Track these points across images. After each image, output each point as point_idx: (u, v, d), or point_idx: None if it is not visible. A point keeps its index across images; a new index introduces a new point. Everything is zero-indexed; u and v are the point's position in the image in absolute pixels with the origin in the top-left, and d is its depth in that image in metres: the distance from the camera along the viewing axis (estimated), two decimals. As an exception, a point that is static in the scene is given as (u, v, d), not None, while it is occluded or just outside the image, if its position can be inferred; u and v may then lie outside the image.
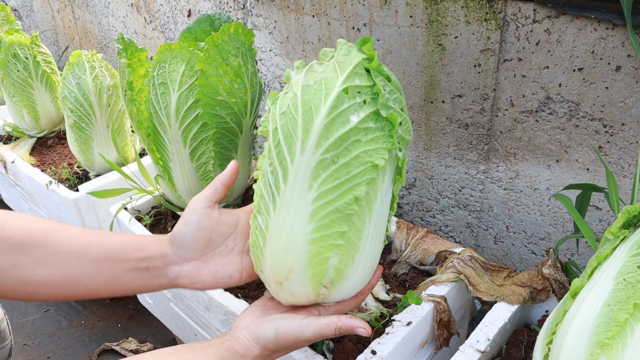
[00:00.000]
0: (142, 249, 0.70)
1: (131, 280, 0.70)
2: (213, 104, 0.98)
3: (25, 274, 0.67)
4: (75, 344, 1.53)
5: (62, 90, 1.44)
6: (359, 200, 0.63)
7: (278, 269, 0.67)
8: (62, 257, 0.68)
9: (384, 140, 0.63)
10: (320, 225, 0.64)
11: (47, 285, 0.68)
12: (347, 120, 0.61)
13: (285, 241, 0.66)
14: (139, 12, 2.04)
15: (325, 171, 0.62)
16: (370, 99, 0.63)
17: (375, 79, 0.63)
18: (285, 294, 0.69)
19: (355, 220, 0.65)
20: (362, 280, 0.72)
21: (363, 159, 0.62)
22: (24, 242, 0.68)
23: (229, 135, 1.04)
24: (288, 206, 0.65)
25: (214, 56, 0.95)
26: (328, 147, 0.62)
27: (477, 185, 1.24)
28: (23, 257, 0.67)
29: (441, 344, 0.90)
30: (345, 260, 0.66)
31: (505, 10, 1.02)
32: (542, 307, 0.94)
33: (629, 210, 0.67)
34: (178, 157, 1.05)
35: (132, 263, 0.70)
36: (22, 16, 2.98)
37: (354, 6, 1.25)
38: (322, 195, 0.63)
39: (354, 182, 0.63)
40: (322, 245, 0.65)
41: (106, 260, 0.69)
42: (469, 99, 1.15)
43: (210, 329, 1.02)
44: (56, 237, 0.69)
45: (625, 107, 0.96)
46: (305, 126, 0.62)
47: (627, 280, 0.60)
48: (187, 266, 0.71)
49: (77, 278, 0.69)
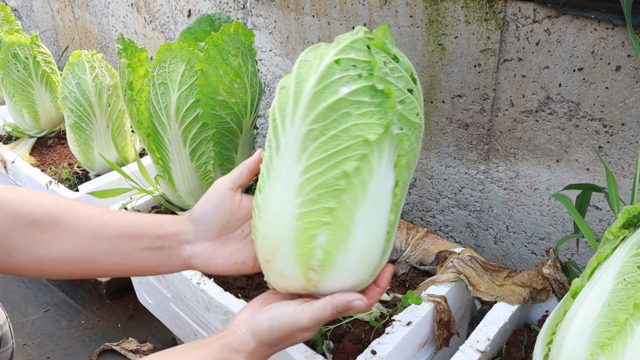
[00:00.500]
0: (158, 227, 0.70)
1: (145, 259, 0.70)
2: (213, 104, 0.98)
3: (42, 251, 0.68)
4: (75, 344, 1.53)
5: (62, 90, 1.44)
6: (348, 175, 0.60)
7: (266, 245, 0.65)
8: (78, 235, 0.69)
9: (379, 116, 0.59)
10: (307, 200, 0.61)
11: (64, 262, 0.69)
12: (337, 91, 0.59)
13: (273, 215, 0.64)
14: (139, 12, 2.04)
15: (314, 143, 0.60)
16: (368, 74, 0.59)
17: (375, 54, 0.60)
18: (274, 274, 0.67)
19: (345, 198, 0.61)
20: (360, 272, 0.66)
21: (353, 132, 0.59)
22: (41, 220, 0.68)
23: (229, 135, 1.04)
24: (278, 179, 0.63)
25: (214, 56, 0.95)
26: (316, 117, 0.59)
27: (477, 185, 1.24)
28: (40, 234, 0.68)
29: (441, 344, 0.90)
30: (335, 242, 0.62)
31: (505, 10, 1.02)
32: (542, 307, 0.94)
33: (629, 210, 0.67)
34: (178, 157, 1.05)
35: (147, 241, 0.70)
36: (22, 16, 2.98)
37: (354, 6, 1.25)
38: (310, 167, 0.61)
39: (343, 156, 0.60)
40: (308, 222, 0.62)
41: (122, 238, 0.69)
42: (469, 99, 1.15)
43: (210, 329, 1.02)
44: (73, 215, 0.70)
45: (625, 107, 0.96)
46: (295, 97, 0.61)
47: (627, 280, 0.60)
48: (202, 246, 0.71)
49: (93, 256, 0.69)
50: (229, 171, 1.07)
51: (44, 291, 1.74)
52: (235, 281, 1.02)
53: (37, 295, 1.73)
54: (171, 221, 0.71)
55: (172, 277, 1.05)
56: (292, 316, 0.64)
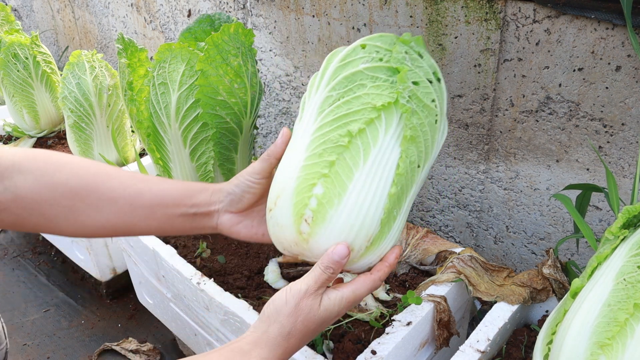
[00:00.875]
0: (191, 197, 0.76)
1: (180, 223, 0.76)
2: (213, 104, 0.98)
3: (82, 218, 0.72)
4: (75, 344, 1.53)
5: (62, 90, 1.44)
6: (352, 135, 0.65)
7: (272, 195, 0.70)
8: (116, 204, 0.73)
9: (390, 90, 0.65)
10: (312, 154, 0.67)
11: (105, 227, 0.74)
12: (357, 65, 0.66)
13: (283, 168, 0.70)
14: (139, 12, 2.04)
15: (329, 107, 0.67)
16: (388, 58, 0.66)
17: (398, 46, 0.66)
18: (272, 223, 0.70)
19: (346, 155, 0.65)
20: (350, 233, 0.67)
21: (364, 100, 0.65)
22: (77, 189, 0.71)
23: (229, 135, 1.04)
24: (295, 140, 0.70)
25: (214, 56, 0.95)
26: (335, 85, 0.67)
27: (477, 185, 1.24)
28: (78, 202, 0.71)
29: (441, 344, 0.90)
30: (329, 195, 0.65)
31: (505, 10, 1.02)
32: (542, 307, 0.94)
33: (629, 210, 0.67)
34: (178, 157, 1.05)
35: (183, 209, 0.75)
36: (22, 16, 2.98)
37: (354, 6, 1.25)
38: (321, 127, 0.67)
39: (351, 118, 0.65)
40: (310, 172, 0.66)
41: (159, 206, 0.75)
42: (469, 99, 1.15)
43: (210, 328, 1.02)
44: (108, 184, 0.73)
45: (625, 107, 0.96)
46: (322, 72, 0.69)
47: (627, 280, 0.60)
48: (228, 216, 0.77)
49: (132, 222, 0.74)
50: (230, 171, 1.07)
51: (44, 291, 1.74)
52: (235, 281, 1.02)
53: (37, 295, 1.73)
54: (203, 191, 0.77)
55: (172, 277, 1.05)
56: (290, 290, 0.66)
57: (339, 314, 0.68)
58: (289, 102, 1.59)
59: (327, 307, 0.66)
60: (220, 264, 1.07)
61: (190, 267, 1.01)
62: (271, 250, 1.10)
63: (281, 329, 0.64)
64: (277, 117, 1.67)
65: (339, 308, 0.67)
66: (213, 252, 1.10)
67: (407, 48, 0.68)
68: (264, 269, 1.05)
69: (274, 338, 0.64)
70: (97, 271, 1.57)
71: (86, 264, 1.59)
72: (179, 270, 1.00)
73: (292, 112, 1.61)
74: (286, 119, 1.64)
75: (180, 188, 0.77)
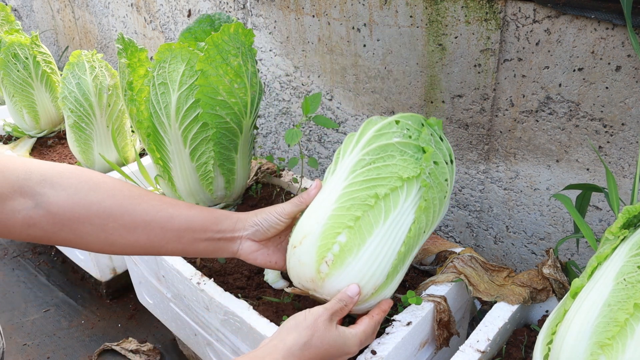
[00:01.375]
0: (217, 223, 0.82)
1: (205, 247, 0.83)
2: (213, 104, 0.98)
3: (113, 237, 0.75)
4: (75, 344, 1.53)
5: (62, 90, 1.44)
6: (378, 197, 0.76)
7: (298, 234, 0.80)
8: (148, 226, 0.77)
9: (415, 166, 0.78)
10: (341, 206, 0.77)
11: (133, 247, 0.78)
12: (390, 138, 0.79)
13: (312, 213, 0.80)
14: (139, 12, 2.04)
15: (361, 168, 0.79)
16: (416, 137, 0.80)
17: (426, 129, 0.81)
18: (294, 259, 0.79)
19: (370, 214, 0.76)
20: (362, 280, 0.77)
21: (392, 169, 0.78)
22: (111, 209, 0.74)
23: (229, 135, 1.04)
24: (325, 191, 0.81)
25: (214, 56, 0.95)
26: (369, 150, 0.79)
27: (477, 185, 1.24)
28: (111, 222, 0.74)
29: (441, 344, 0.90)
30: (350, 245, 0.76)
31: (505, 10, 1.02)
32: (542, 307, 0.94)
33: (629, 210, 0.67)
34: (178, 157, 1.05)
35: (209, 234, 0.82)
36: (22, 16, 2.98)
37: (354, 6, 1.25)
38: (352, 184, 0.78)
39: (379, 183, 0.77)
40: (337, 222, 0.77)
41: (188, 231, 0.80)
42: (469, 99, 1.15)
43: (210, 328, 1.02)
44: (142, 207, 0.77)
45: (625, 107, 0.96)
46: (358, 138, 0.83)
47: (627, 280, 0.60)
48: (249, 243, 0.85)
49: (160, 243, 0.79)
50: (229, 171, 1.07)
51: (44, 291, 1.74)
52: (235, 281, 1.02)
53: (37, 295, 1.73)
54: (228, 218, 0.84)
55: (172, 277, 1.05)
56: (309, 310, 0.73)
57: (350, 348, 0.74)
58: (289, 102, 1.59)
59: (342, 333, 0.73)
60: (220, 264, 1.07)
61: (190, 267, 1.01)
62: (271, 250, 1.10)
63: (298, 339, 0.69)
64: (277, 117, 1.67)
65: (352, 341, 0.74)
66: (213, 252, 1.10)
67: (432, 130, 0.81)
68: (263, 269, 1.05)
69: (290, 347, 0.68)
70: (97, 271, 1.57)
71: (86, 264, 1.59)
72: (179, 270, 1.00)
73: (291, 112, 1.61)
74: (286, 119, 1.64)
75: (207, 214, 0.82)
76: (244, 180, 1.15)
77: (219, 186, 1.10)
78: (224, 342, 0.99)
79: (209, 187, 1.08)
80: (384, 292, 0.81)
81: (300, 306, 0.95)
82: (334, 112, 1.47)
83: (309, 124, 1.57)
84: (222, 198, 1.13)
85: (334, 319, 0.73)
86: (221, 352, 1.03)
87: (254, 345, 0.89)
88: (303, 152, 1.63)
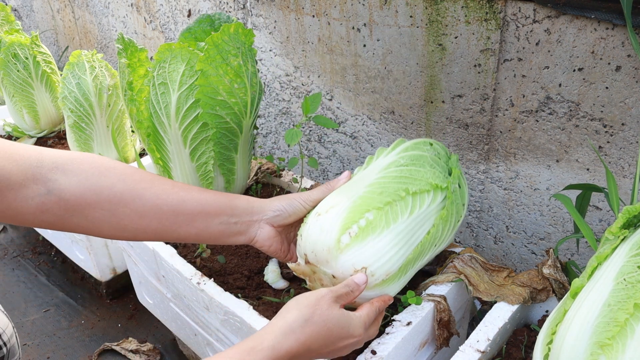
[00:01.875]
0: (233, 207, 0.81)
1: (220, 231, 0.81)
2: (213, 104, 0.98)
3: (125, 222, 0.75)
4: (75, 344, 1.53)
5: (62, 90, 1.44)
6: (408, 192, 0.82)
7: (326, 204, 0.82)
8: (159, 210, 0.76)
9: (443, 178, 0.88)
10: (373, 190, 0.82)
11: (145, 231, 0.77)
12: (424, 152, 0.90)
13: (342, 190, 0.84)
14: (139, 12, 2.04)
15: (396, 167, 0.86)
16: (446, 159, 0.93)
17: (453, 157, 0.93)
18: (315, 227, 0.80)
19: (398, 205, 0.81)
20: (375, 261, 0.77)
21: (424, 175, 0.86)
22: (123, 194, 0.74)
23: (229, 135, 1.04)
24: (358, 178, 0.87)
25: (214, 56, 0.95)
26: (404, 155, 0.89)
27: (477, 185, 1.24)
28: (122, 207, 0.74)
29: (441, 344, 0.90)
30: (376, 223, 0.78)
31: (505, 10, 1.02)
32: (542, 307, 0.94)
33: (630, 211, 0.67)
34: (178, 157, 1.05)
35: (223, 218, 0.80)
36: (22, 16, 2.98)
37: (354, 6, 1.25)
38: (385, 177, 0.84)
39: (410, 182, 0.84)
40: (367, 201, 0.80)
41: (201, 215, 0.79)
42: (469, 99, 1.15)
43: (210, 328, 1.02)
44: (153, 191, 0.76)
45: (625, 107, 0.96)
46: (394, 147, 0.92)
47: (627, 280, 0.60)
48: (267, 229, 0.84)
49: (172, 228, 0.78)
50: (229, 171, 1.07)
51: (44, 291, 1.74)
52: (235, 281, 1.02)
53: (37, 295, 1.73)
54: (245, 203, 0.83)
55: (172, 277, 1.05)
56: (313, 291, 0.71)
57: (355, 329, 0.71)
58: (289, 102, 1.59)
59: (346, 314, 0.71)
60: (220, 264, 1.07)
61: (190, 267, 1.01)
62: (271, 250, 1.10)
63: (299, 315, 0.67)
64: (277, 117, 1.67)
65: (356, 323, 0.71)
66: (213, 252, 1.10)
67: (458, 176, 0.90)
68: (263, 269, 1.05)
69: (290, 323, 0.66)
70: (97, 271, 1.57)
71: (86, 264, 1.59)
72: (179, 270, 1.00)
73: (291, 112, 1.61)
74: (286, 119, 1.64)
75: (222, 197, 0.81)
76: (244, 180, 1.15)
77: (219, 186, 1.10)
78: (224, 342, 0.99)
79: (209, 187, 1.08)
80: (390, 286, 0.81)
81: (300, 306, 0.95)
82: (334, 112, 1.47)
83: (309, 124, 1.57)
84: None
85: (337, 302, 0.71)
86: (221, 352, 1.03)
87: (254, 345, 0.89)
88: (303, 152, 1.63)
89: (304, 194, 0.86)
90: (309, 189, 1.20)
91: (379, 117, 1.36)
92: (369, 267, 0.77)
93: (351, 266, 0.76)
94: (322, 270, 0.80)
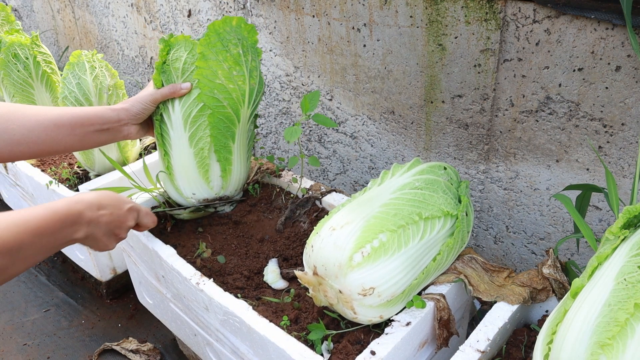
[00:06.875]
0: (102, 117, 1.00)
1: (97, 137, 1.01)
2: (211, 86, 1.03)
3: (17, 137, 0.91)
4: (75, 344, 1.53)
5: (62, 90, 1.44)
6: (421, 217, 0.85)
7: (340, 220, 0.85)
8: (43, 123, 0.94)
9: (454, 205, 0.91)
10: (387, 211, 0.84)
11: (35, 143, 0.93)
12: (439, 176, 0.94)
13: (356, 207, 0.87)
14: (139, 12, 2.04)
15: (410, 189, 0.89)
16: (457, 185, 0.97)
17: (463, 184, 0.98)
18: (329, 241, 0.83)
19: (411, 228, 0.84)
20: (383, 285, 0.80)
21: (437, 201, 0.89)
22: (7, 114, 0.91)
23: (226, 121, 1.07)
24: (371, 193, 0.91)
25: (215, 42, 1.02)
26: (419, 178, 0.92)
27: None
28: (10, 124, 0.91)
29: (441, 343, 0.90)
30: (389, 245, 0.81)
31: (505, 11, 1.02)
32: (542, 307, 0.94)
33: (630, 211, 0.67)
34: (178, 142, 1.08)
35: (97, 126, 1.00)
36: (22, 16, 2.98)
37: (354, 6, 1.25)
38: (400, 198, 0.87)
39: (424, 207, 0.86)
40: (381, 222, 0.82)
41: (77, 125, 0.97)
42: (469, 99, 1.15)
43: (210, 329, 1.02)
44: (33, 110, 0.94)
45: (625, 107, 0.96)
46: (410, 167, 0.96)
47: (627, 280, 0.60)
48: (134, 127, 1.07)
49: (57, 138, 0.96)
50: (226, 160, 1.11)
51: (44, 291, 1.74)
52: (235, 281, 1.02)
53: (37, 295, 1.73)
54: (112, 111, 1.02)
55: (172, 277, 1.05)
56: None
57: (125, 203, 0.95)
58: (289, 102, 1.60)
59: None
60: (220, 264, 1.07)
61: (189, 267, 1.01)
62: (271, 251, 1.10)
63: None
64: (277, 117, 1.67)
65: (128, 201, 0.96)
66: (213, 252, 1.10)
67: (466, 204, 0.93)
68: (263, 269, 1.05)
69: None
70: (97, 271, 1.57)
71: (86, 264, 1.59)
72: (179, 271, 1.00)
73: (291, 112, 1.61)
74: (286, 119, 1.64)
75: (90, 110, 1.00)
76: (241, 173, 1.15)
77: (215, 174, 1.11)
78: (224, 342, 0.99)
79: (205, 174, 1.10)
80: (393, 307, 0.84)
81: (300, 306, 0.95)
82: (334, 112, 1.47)
83: (309, 124, 1.57)
84: (220, 188, 1.13)
85: None
86: (221, 352, 1.03)
87: (254, 345, 0.89)
88: (303, 152, 1.63)
89: (152, 94, 1.03)
90: (308, 189, 1.20)
91: (379, 117, 1.36)
92: (377, 287, 0.80)
93: (360, 285, 0.79)
94: (330, 284, 0.82)
